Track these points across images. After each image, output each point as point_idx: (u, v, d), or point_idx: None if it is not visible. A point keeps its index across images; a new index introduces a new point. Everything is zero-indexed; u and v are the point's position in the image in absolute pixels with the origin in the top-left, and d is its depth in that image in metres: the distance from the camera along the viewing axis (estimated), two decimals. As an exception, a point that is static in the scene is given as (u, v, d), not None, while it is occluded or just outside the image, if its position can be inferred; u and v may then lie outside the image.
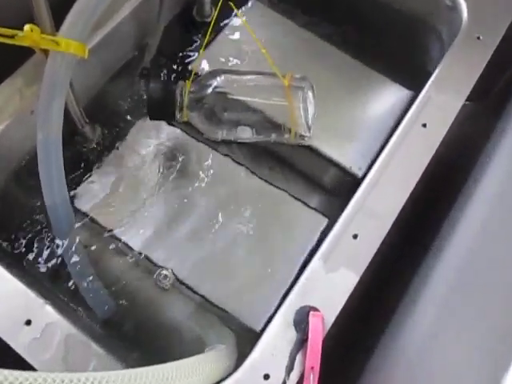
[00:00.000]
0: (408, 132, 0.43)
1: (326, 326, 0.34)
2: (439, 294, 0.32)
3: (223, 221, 0.48)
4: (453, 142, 0.43)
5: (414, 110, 0.44)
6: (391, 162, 0.41)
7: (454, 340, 0.25)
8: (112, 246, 0.46)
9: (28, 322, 0.34)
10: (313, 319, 0.33)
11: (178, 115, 0.46)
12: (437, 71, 0.46)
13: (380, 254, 0.38)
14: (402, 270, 0.43)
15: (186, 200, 0.48)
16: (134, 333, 0.43)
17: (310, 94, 0.48)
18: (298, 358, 0.32)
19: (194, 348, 0.42)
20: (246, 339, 0.43)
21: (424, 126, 0.43)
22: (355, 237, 0.38)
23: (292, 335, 0.34)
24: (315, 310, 0.34)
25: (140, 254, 0.46)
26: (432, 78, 0.46)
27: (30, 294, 0.35)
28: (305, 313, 0.34)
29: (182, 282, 0.45)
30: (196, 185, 0.49)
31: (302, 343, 0.33)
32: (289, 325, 0.34)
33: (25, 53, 0.40)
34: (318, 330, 0.32)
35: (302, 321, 0.33)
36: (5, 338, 0.33)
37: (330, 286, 0.36)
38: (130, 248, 0.46)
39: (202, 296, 0.44)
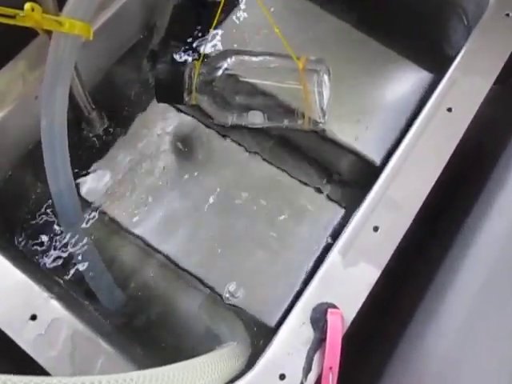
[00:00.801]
0: (432, 117, 0.40)
1: (345, 324, 0.32)
2: (469, 290, 0.30)
3: (234, 210, 0.46)
4: (480, 127, 0.41)
5: (438, 93, 0.41)
6: (414, 148, 0.39)
7: (489, 345, 0.23)
8: (120, 236, 0.45)
9: (33, 317, 0.33)
10: (331, 317, 0.31)
11: (186, 98, 0.44)
12: (462, 52, 0.43)
13: (401, 244, 0.36)
14: (426, 262, 0.41)
15: (195, 188, 0.47)
16: (143, 326, 0.41)
17: (325, 77, 0.45)
18: (316, 357, 0.31)
19: (206, 342, 0.41)
20: (259, 334, 0.41)
21: (449, 110, 0.40)
22: (376, 229, 0.36)
23: (309, 333, 0.32)
24: (333, 307, 0.32)
25: (149, 244, 0.44)
26: (457, 60, 0.43)
27: (36, 288, 0.34)
28: (322, 310, 0.32)
29: (192, 274, 0.43)
30: (205, 172, 0.47)
31: (319, 342, 0.31)
32: (305, 322, 0.33)
33: (28, 34, 0.38)
34: (336, 329, 0.30)
35: (319, 319, 0.32)
36: (9, 334, 0.32)
37: (349, 281, 0.34)
38: (139, 238, 0.44)
39: (213, 289, 0.43)
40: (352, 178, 0.48)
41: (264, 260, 0.44)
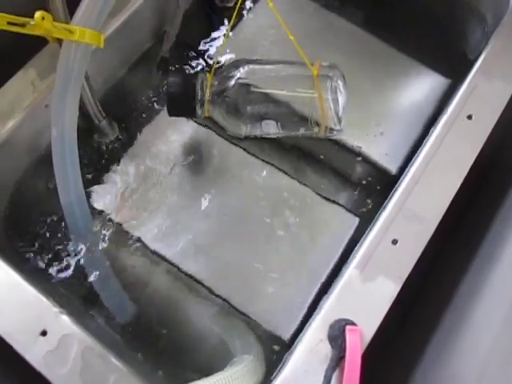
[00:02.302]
0: (452, 124, 0.39)
1: (364, 342, 0.31)
2: (496, 306, 0.29)
3: (246, 220, 0.45)
4: (501, 135, 0.39)
5: (457, 100, 0.40)
6: (433, 158, 0.38)
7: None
8: (131, 246, 0.44)
9: (43, 333, 0.32)
10: (350, 335, 0.30)
11: (199, 111, 0.43)
12: (482, 57, 0.42)
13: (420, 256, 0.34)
14: (445, 274, 0.39)
15: (208, 199, 0.46)
16: (154, 339, 0.41)
17: (340, 83, 0.44)
18: (334, 377, 0.30)
19: (219, 354, 0.40)
20: (273, 347, 0.40)
21: (469, 117, 0.39)
22: (395, 242, 0.35)
23: (326, 351, 0.31)
24: (352, 323, 0.31)
25: (159, 255, 0.43)
26: (477, 65, 0.42)
27: (46, 302, 0.33)
28: (341, 327, 0.31)
29: (204, 285, 0.43)
30: (218, 183, 0.46)
31: (338, 361, 0.30)
32: (323, 339, 0.31)
33: (38, 42, 0.37)
34: (356, 347, 0.29)
35: (337, 336, 0.30)
36: (19, 350, 0.32)
37: (368, 296, 0.33)
38: (149, 248, 0.44)
39: (225, 300, 0.42)
40: (367, 187, 0.47)
41: (278, 270, 0.43)
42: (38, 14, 0.32)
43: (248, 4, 0.54)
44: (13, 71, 0.42)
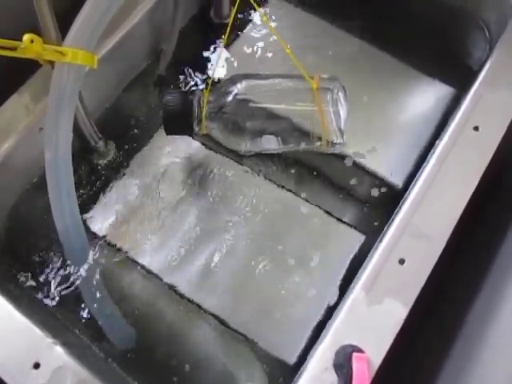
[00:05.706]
0: (458, 136, 0.37)
1: (372, 370, 0.29)
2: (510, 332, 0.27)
3: (248, 239, 0.43)
4: (510, 145, 0.38)
5: (463, 111, 0.38)
6: (440, 172, 0.36)
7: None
8: (128, 270, 0.43)
9: (36, 366, 0.31)
10: (357, 363, 0.28)
11: (196, 128, 0.42)
12: (487, 65, 0.41)
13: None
14: (459, 291, 0.37)
15: (207, 219, 0.44)
16: (153, 365, 0.39)
17: (340, 95, 0.43)
18: (341, 408, 0.28)
19: (221, 380, 0.39)
20: (277, 373, 0.38)
21: (476, 129, 0.38)
22: (402, 262, 0.33)
23: (332, 379, 0.29)
24: (358, 350, 0.29)
25: (160, 279, 0.42)
26: (482, 74, 0.40)
27: (39, 333, 0.32)
28: (347, 354, 0.29)
29: (206, 310, 0.41)
30: (218, 202, 0.45)
31: (344, 391, 0.28)
32: (328, 368, 0.30)
33: (34, 64, 0.37)
34: (363, 377, 0.27)
35: (343, 364, 0.29)
36: (10, 384, 0.30)
37: (374, 320, 0.31)
38: (149, 272, 0.42)
39: (228, 325, 0.40)
40: (372, 202, 0.45)
41: (280, 292, 0.41)
42: (26, 37, 0.32)
43: (245, 19, 0.54)
44: (7, 95, 0.42)
